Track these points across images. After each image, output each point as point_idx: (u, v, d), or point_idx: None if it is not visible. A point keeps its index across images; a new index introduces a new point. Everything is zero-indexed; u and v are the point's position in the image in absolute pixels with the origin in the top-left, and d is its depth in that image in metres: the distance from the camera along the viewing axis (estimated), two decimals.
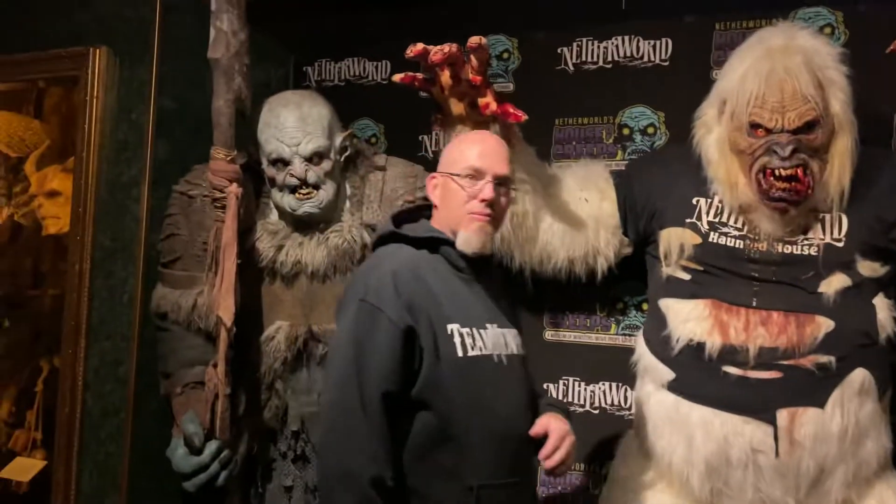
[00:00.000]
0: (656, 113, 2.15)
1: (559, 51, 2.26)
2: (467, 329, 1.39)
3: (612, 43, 2.21)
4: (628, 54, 2.19)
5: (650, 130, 2.16)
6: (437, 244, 1.46)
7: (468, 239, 1.45)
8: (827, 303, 1.61)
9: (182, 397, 1.78)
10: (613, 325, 2.15)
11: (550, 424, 1.43)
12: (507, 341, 1.48)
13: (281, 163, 1.79)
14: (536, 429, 1.43)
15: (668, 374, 1.72)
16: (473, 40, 1.58)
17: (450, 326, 1.37)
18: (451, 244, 1.46)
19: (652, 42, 2.17)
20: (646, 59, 2.18)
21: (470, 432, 1.35)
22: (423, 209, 1.57)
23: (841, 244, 1.63)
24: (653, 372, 1.76)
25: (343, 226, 1.83)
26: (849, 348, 1.58)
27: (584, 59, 2.24)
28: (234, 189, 1.73)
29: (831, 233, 1.65)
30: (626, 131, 2.18)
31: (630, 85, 2.18)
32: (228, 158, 1.77)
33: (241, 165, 1.82)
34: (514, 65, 2.32)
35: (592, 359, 2.15)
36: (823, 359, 1.57)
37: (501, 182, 1.46)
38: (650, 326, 1.81)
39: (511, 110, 1.66)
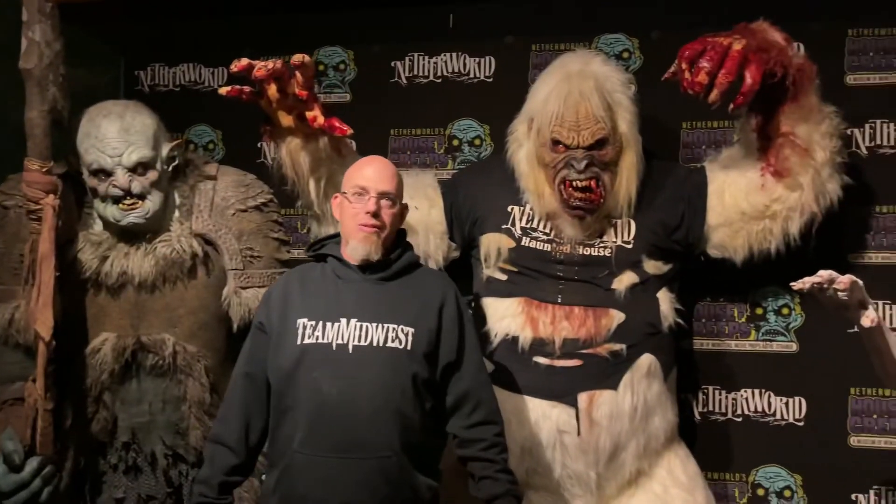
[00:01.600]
0: (482, 126, 2.31)
1: (393, 64, 2.38)
2: (313, 322, 1.55)
3: (442, 59, 2.35)
4: (456, 70, 2.34)
5: (477, 142, 2.33)
6: (324, 257, 1.66)
7: (355, 247, 1.60)
8: (619, 298, 1.83)
9: (1, 414, 1.74)
10: None
11: None
12: (369, 334, 1.56)
13: (103, 173, 1.78)
14: None
15: (489, 368, 1.88)
16: (297, 58, 1.67)
17: (299, 320, 1.57)
18: (336, 256, 1.63)
19: (477, 59, 2.33)
20: (472, 74, 2.34)
21: (299, 407, 1.54)
22: None
23: (630, 246, 1.87)
24: None
25: (172, 235, 1.84)
26: (637, 337, 1.81)
27: (416, 72, 2.37)
28: (50, 200, 1.70)
29: (622, 236, 1.88)
30: (455, 142, 2.34)
31: (458, 99, 2.33)
32: (44, 169, 1.74)
33: (60, 175, 1.79)
34: (350, 76, 2.41)
35: None
36: (616, 347, 1.80)
37: (384, 196, 1.61)
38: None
39: (337, 124, 1.76)
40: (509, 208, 1.94)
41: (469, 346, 1.62)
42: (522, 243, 1.91)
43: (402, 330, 1.54)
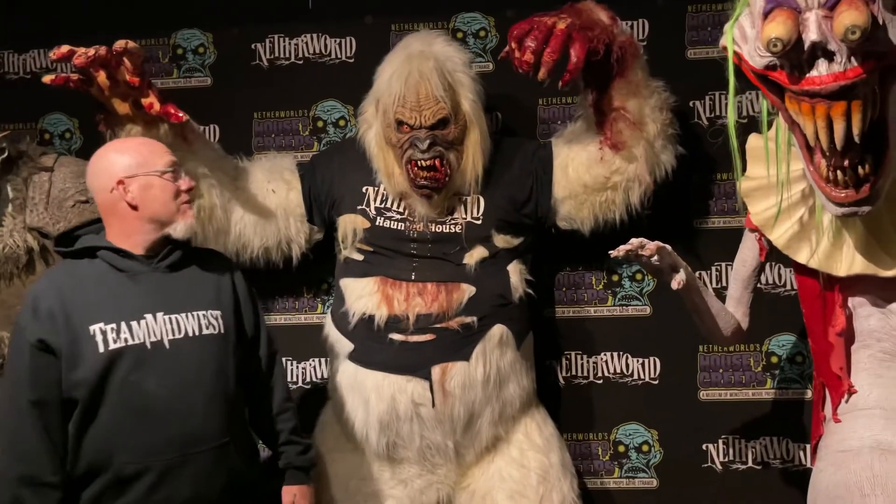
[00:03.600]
0: (346, 106, 2.32)
1: (253, 46, 2.35)
2: (112, 325, 1.47)
3: (303, 40, 2.34)
4: (318, 51, 2.34)
5: (342, 123, 2.34)
6: (93, 252, 1.53)
7: (184, 228, 1.56)
8: (470, 272, 1.89)
9: None
10: (319, 306, 2.31)
11: None
12: (182, 325, 1.55)
13: None
14: None
15: (349, 346, 1.92)
16: (119, 44, 1.63)
17: (92, 327, 1.46)
18: (111, 248, 1.53)
19: (338, 40, 2.33)
20: (333, 55, 2.34)
21: (116, 416, 1.46)
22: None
23: (479, 222, 1.93)
24: (337, 346, 1.96)
25: (3, 230, 1.79)
26: (488, 309, 1.88)
27: (277, 54, 2.35)
28: None
29: (472, 213, 1.93)
30: (320, 124, 2.34)
31: (321, 80, 2.33)
32: None
33: None
34: (210, 59, 2.37)
35: (304, 338, 2.29)
36: (468, 319, 1.86)
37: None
38: (335, 305, 2.01)
39: (172, 111, 1.73)
40: (364, 189, 1.96)
41: (261, 319, 1.67)
42: (377, 223, 1.94)
43: (212, 314, 1.55)
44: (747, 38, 1.30)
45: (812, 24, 1.16)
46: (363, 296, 1.90)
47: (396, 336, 1.86)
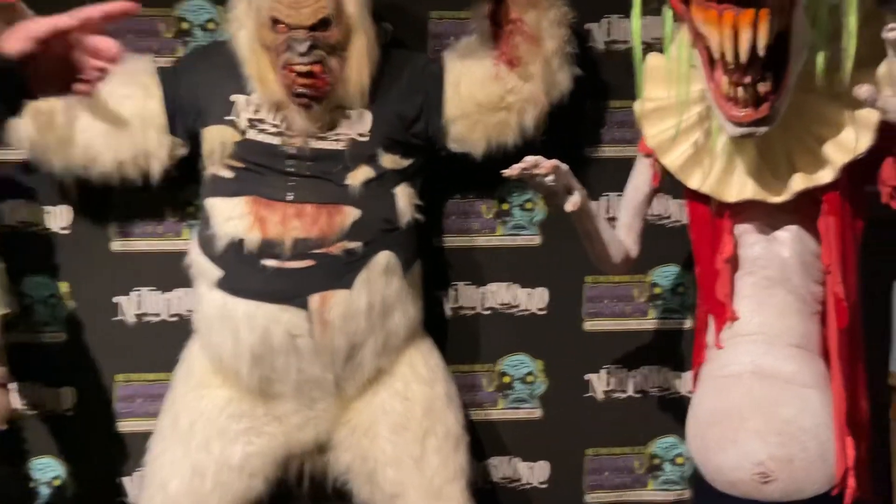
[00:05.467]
0: (215, 7, 2.06)
1: None
2: None
3: None
4: None
5: (210, 26, 2.08)
6: None
7: None
8: (353, 194, 1.74)
9: None
10: (185, 231, 2.09)
11: None
12: None
13: None
14: None
15: (217, 273, 1.74)
16: None
17: None
18: None
19: None
20: None
21: None
22: None
23: (365, 139, 1.77)
24: (204, 272, 1.77)
25: None
26: (373, 234, 1.74)
27: None
28: None
29: (357, 128, 1.77)
30: (185, 26, 2.07)
31: None
32: None
33: None
34: None
35: (167, 267, 2.07)
36: (351, 245, 1.71)
37: None
38: (201, 228, 1.81)
39: None
40: (233, 98, 1.75)
41: None
42: (248, 136, 1.74)
43: None
44: None
45: None
46: (233, 217, 1.71)
47: (271, 262, 1.69)
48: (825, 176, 1.36)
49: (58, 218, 2.05)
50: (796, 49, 1.23)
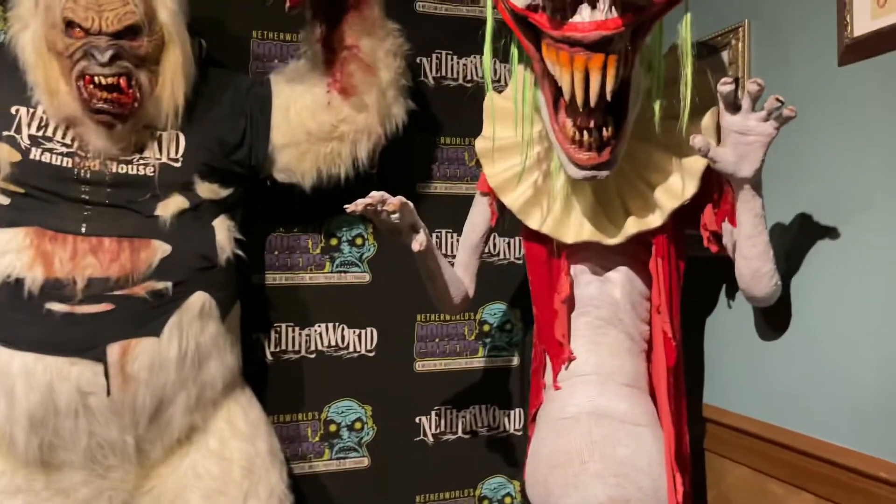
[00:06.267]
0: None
1: None
2: None
3: None
4: None
5: None
6: None
7: None
8: (163, 226, 1.52)
9: None
10: None
11: None
12: None
13: None
14: None
15: None
16: None
17: None
18: None
19: None
20: None
21: None
22: None
23: (178, 164, 1.56)
24: None
25: None
26: (187, 272, 1.53)
27: None
28: None
29: (168, 152, 1.56)
30: None
31: None
32: None
33: None
34: None
35: None
36: (159, 285, 1.49)
37: None
38: None
39: None
40: (14, 109, 1.47)
41: None
42: (31, 156, 1.46)
43: None
44: None
45: None
46: (9, 252, 1.42)
47: (57, 306, 1.42)
48: (655, 220, 1.41)
49: None
50: (634, 96, 1.26)
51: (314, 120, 1.66)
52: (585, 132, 1.23)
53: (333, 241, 2.04)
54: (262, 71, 1.92)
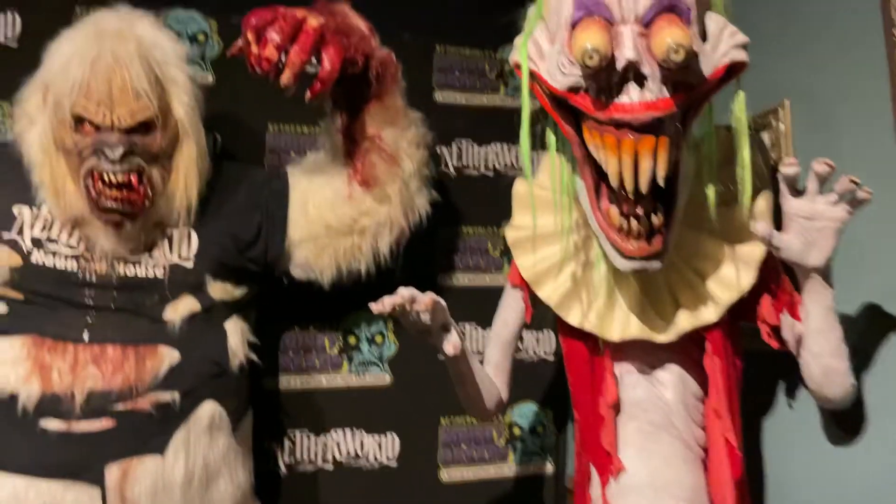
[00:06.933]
0: (2, 103, 1.69)
1: None
2: None
3: None
4: None
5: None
6: None
7: None
8: (172, 331, 1.40)
9: None
10: None
11: None
12: None
13: None
14: None
15: None
16: None
17: None
18: None
19: None
20: None
21: None
22: None
23: (190, 264, 1.46)
24: None
25: None
26: (196, 381, 1.40)
27: None
28: None
29: (179, 251, 1.46)
30: None
31: None
32: None
33: None
34: None
35: None
36: (165, 397, 1.36)
37: None
38: None
39: None
40: (16, 210, 1.38)
41: None
42: (33, 260, 1.36)
43: None
44: (544, 55, 1.10)
45: (627, 39, 0.99)
46: (3, 364, 1.29)
47: (53, 423, 1.28)
48: (710, 315, 1.28)
49: None
50: (683, 180, 1.16)
51: (334, 213, 1.57)
52: (633, 220, 1.13)
53: (352, 340, 1.91)
54: (278, 164, 1.86)
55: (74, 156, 1.34)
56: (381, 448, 1.90)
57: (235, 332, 1.50)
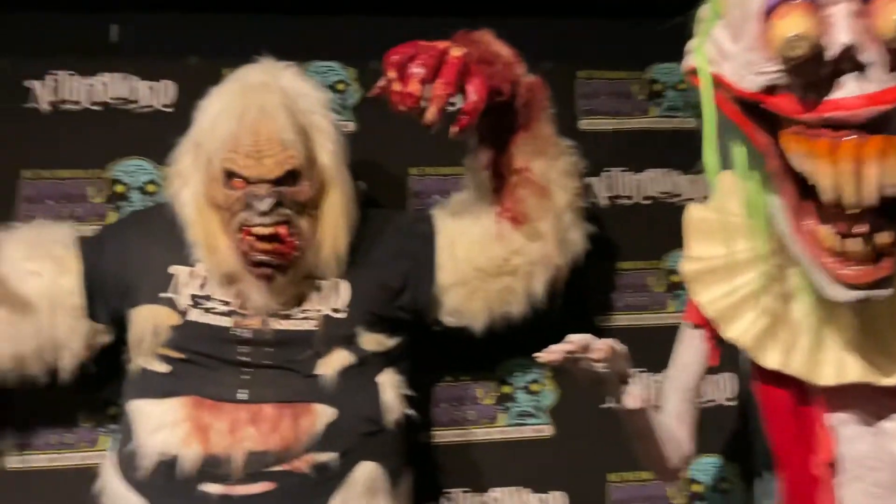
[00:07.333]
0: (158, 168, 1.76)
1: (29, 84, 1.75)
2: None
3: (101, 80, 1.78)
4: (122, 95, 1.78)
5: (150, 188, 1.76)
6: None
7: None
8: (326, 387, 1.34)
9: None
10: (103, 438, 1.63)
11: None
12: None
13: None
14: None
15: None
16: None
17: None
18: None
19: (151, 83, 1.80)
20: (144, 102, 1.79)
21: None
22: None
23: (342, 315, 1.40)
24: (120, 503, 1.29)
25: None
26: (352, 440, 1.33)
27: (63, 96, 1.76)
28: None
29: (330, 302, 1.40)
30: (120, 188, 1.75)
31: (124, 132, 1.77)
32: None
33: None
34: None
35: (78, 487, 1.58)
36: (323, 457, 1.28)
37: None
38: (120, 441, 1.36)
39: None
40: (172, 269, 1.38)
41: None
42: (190, 317, 1.35)
43: None
44: (728, 55, 0.95)
45: (841, 20, 0.82)
46: (164, 426, 1.28)
47: (213, 487, 1.24)
48: None
49: None
50: None
51: (484, 254, 1.47)
52: (851, 241, 0.93)
53: (506, 389, 1.79)
54: (422, 208, 1.79)
55: (226, 211, 1.32)
56: None
57: (390, 386, 1.42)
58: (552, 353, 1.05)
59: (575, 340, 1.06)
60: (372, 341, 1.42)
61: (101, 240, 1.48)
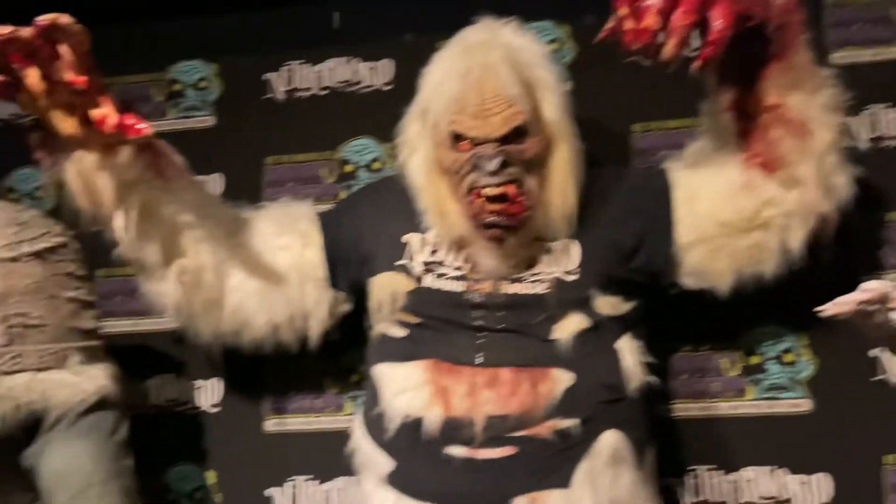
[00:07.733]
0: (381, 145, 1.82)
1: (265, 77, 1.90)
2: None
3: (327, 66, 1.88)
4: (346, 79, 1.87)
5: (376, 166, 1.83)
6: None
7: None
8: (563, 352, 1.29)
9: None
10: (348, 404, 1.73)
11: None
12: None
13: None
14: None
15: (387, 465, 1.31)
16: (44, 19, 1.12)
17: None
18: None
19: (371, 64, 1.86)
20: (366, 83, 1.87)
21: None
22: None
23: (574, 277, 1.33)
24: (370, 463, 1.35)
25: None
26: (593, 407, 1.26)
27: (295, 85, 1.89)
28: None
29: (562, 265, 1.34)
30: (348, 168, 1.83)
31: (350, 114, 1.86)
32: None
33: None
34: (213, 95, 1.92)
35: (327, 449, 1.69)
36: (565, 423, 1.23)
37: None
38: (367, 403, 1.41)
39: (130, 122, 1.20)
40: (405, 237, 1.40)
41: None
42: (424, 283, 1.36)
43: None
44: None
45: None
46: (406, 389, 1.30)
47: (457, 450, 1.24)
48: None
49: (209, 394, 1.77)
50: None
51: (729, 207, 1.33)
52: None
53: (755, 360, 1.61)
54: (652, 164, 1.67)
55: (454, 174, 1.31)
56: (808, 491, 1.55)
57: (629, 352, 1.33)
58: (842, 304, 0.90)
59: (872, 288, 0.90)
60: (607, 304, 1.34)
61: (338, 213, 1.55)
